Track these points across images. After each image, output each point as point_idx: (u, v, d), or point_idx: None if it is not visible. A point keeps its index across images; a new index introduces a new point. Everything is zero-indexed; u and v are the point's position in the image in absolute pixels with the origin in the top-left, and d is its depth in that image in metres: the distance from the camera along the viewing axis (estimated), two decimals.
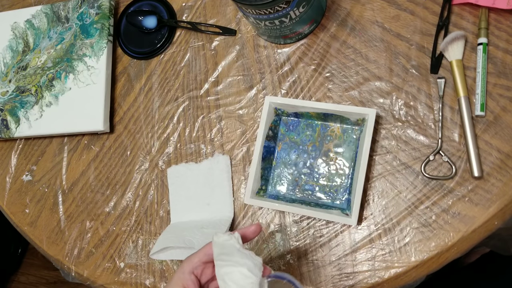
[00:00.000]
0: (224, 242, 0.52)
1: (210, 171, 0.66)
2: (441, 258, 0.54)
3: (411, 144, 0.58)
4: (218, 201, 0.64)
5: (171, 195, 0.67)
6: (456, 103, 0.57)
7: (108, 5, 0.74)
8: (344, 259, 0.57)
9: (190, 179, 0.66)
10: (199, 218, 0.64)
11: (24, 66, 0.77)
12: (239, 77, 0.68)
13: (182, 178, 0.67)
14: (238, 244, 0.51)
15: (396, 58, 0.61)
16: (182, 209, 0.66)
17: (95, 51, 0.73)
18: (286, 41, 0.66)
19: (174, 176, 0.67)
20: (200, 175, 0.66)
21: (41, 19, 0.78)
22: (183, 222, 0.65)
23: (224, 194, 0.64)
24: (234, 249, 0.52)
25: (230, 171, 0.65)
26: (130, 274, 0.66)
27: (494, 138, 0.55)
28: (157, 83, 0.72)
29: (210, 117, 0.68)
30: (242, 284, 0.50)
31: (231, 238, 0.51)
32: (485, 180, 0.54)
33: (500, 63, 0.56)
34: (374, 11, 0.63)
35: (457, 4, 0.59)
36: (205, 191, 0.65)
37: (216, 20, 0.71)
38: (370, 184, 0.58)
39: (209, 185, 0.65)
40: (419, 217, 0.55)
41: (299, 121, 0.63)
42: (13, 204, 0.75)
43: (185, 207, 0.66)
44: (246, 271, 0.51)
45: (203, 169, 0.66)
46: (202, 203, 0.65)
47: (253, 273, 0.51)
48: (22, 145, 0.77)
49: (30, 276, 1.59)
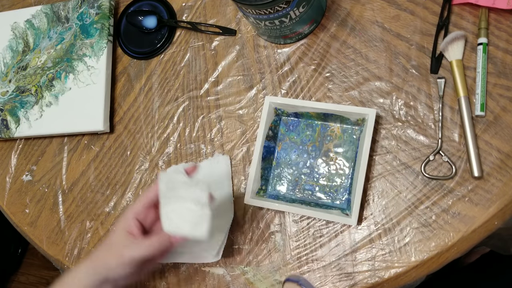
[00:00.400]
0: (169, 177, 0.50)
1: (210, 171, 0.66)
2: (441, 258, 0.54)
3: (411, 144, 0.58)
4: (218, 202, 0.64)
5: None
6: (456, 103, 0.57)
7: (108, 5, 0.74)
8: (344, 259, 0.57)
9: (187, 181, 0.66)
10: None
11: (24, 66, 0.77)
12: (239, 77, 0.68)
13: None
14: (183, 175, 0.50)
15: (396, 58, 0.61)
16: None
17: (95, 51, 0.73)
18: (286, 41, 0.66)
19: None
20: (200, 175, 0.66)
21: (41, 19, 0.78)
22: None
23: (224, 194, 0.64)
24: (180, 182, 0.51)
25: (230, 171, 0.65)
26: None
27: (494, 138, 0.55)
28: (157, 83, 0.72)
29: (210, 117, 0.68)
30: (188, 219, 0.49)
31: (176, 169, 0.50)
32: (485, 180, 0.54)
33: (500, 63, 0.56)
34: (374, 11, 0.63)
35: (457, 4, 0.59)
36: None
37: (216, 20, 0.71)
38: (370, 184, 0.58)
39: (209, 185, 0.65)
40: (419, 217, 0.55)
41: (299, 121, 0.63)
42: (13, 204, 0.75)
43: None
44: (193, 206, 0.49)
45: (203, 169, 0.66)
46: None
47: (200, 205, 0.49)
48: (22, 145, 0.77)
49: (30, 276, 1.59)
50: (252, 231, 0.62)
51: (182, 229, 0.49)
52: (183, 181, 0.51)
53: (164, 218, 0.50)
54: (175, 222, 0.50)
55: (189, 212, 0.50)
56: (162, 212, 0.50)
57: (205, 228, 0.49)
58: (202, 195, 0.50)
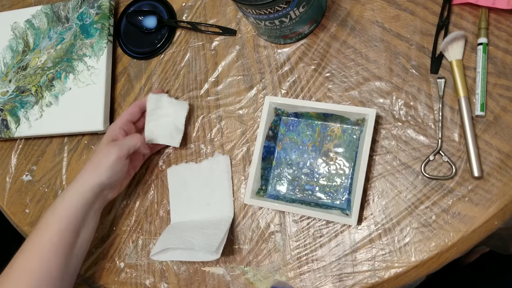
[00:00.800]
0: (157, 97, 0.65)
1: (210, 171, 0.66)
2: (441, 258, 0.54)
3: (411, 144, 0.58)
4: (218, 201, 0.64)
5: (171, 195, 0.67)
6: (456, 103, 0.57)
7: (108, 5, 0.74)
8: (344, 259, 0.57)
9: (190, 179, 0.66)
10: (199, 218, 0.65)
11: (24, 66, 0.77)
12: (239, 77, 0.68)
13: (182, 178, 0.67)
14: (167, 96, 0.65)
15: (396, 58, 0.61)
16: (182, 209, 0.66)
17: (95, 51, 0.73)
18: (286, 41, 0.66)
19: (174, 176, 0.67)
20: (200, 175, 0.66)
21: (41, 19, 0.78)
22: (183, 223, 0.65)
23: (224, 194, 0.64)
24: (165, 101, 0.65)
25: (230, 171, 0.65)
26: (130, 274, 0.66)
27: (494, 138, 0.55)
28: (157, 83, 0.72)
29: (210, 117, 0.68)
30: (167, 132, 0.64)
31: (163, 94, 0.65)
32: (485, 180, 0.54)
33: (500, 63, 0.56)
34: (374, 11, 0.63)
35: (457, 4, 0.59)
36: (205, 191, 0.65)
37: (216, 20, 0.71)
38: (370, 184, 0.58)
39: (209, 185, 0.65)
40: (419, 217, 0.55)
41: (299, 121, 0.63)
42: (13, 204, 0.75)
43: (185, 207, 0.66)
44: (172, 121, 0.64)
45: (203, 169, 0.66)
46: (202, 203, 0.65)
47: (178, 121, 0.65)
48: (22, 145, 0.77)
49: None
50: (252, 231, 0.62)
51: (159, 139, 0.65)
52: (168, 101, 0.65)
53: (147, 131, 0.65)
54: (155, 133, 0.65)
55: (168, 126, 0.65)
56: (146, 126, 0.65)
57: (178, 139, 0.65)
58: (181, 114, 0.65)
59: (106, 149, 0.59)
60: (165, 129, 0.65)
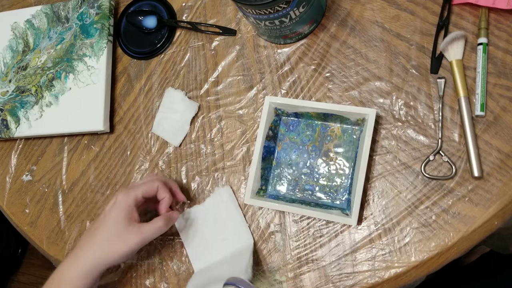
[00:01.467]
0: (172, 93, 0.69)
1: (216, 206, 0.64)
2: (441, 258, 0.54)
3: (411, 144, 0.58)
4: (234, 232, 0.62)
5: (185, 242, 0.64)
6: (456, 103, 0.57)
7: (108, 5, 0.74)
8: (344, 259, 0.57)
9: (199, 221, 0.64)
10: (220, 256, 0.62)
11: (24, 66, 0.77)
12: (239, 77, 0.68)
13: (190, 222, 0.65)
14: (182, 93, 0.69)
15: (396, 58, 0.61)
16: (200, 252, 0.63)
17: (95, 51, 0.73)
18: (286, 41, 0.66)
19: (182, 223, 0.65)
20: (207, 214, 0.64)
21: (41, 19, 0.78)
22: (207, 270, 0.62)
23: (238, 223, 0.62)
24: (179, 98, 0.69)
25: (235, 199, 0.64)
26: (130, 274, 0.66)
27: (494, 138, 0.55)
28: (157, 83, 0.72)
29: (210, 117, 0.68)
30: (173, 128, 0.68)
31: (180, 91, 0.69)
32: (485, 180, 0.54)
33: (500, 63, 0.56)
34: (374, 11, 0.63)
35: (457, 4, 0.59)
36: (218, 228, 0.63)
37: (216, 20, 0.71)
38: (370, 184, 0.58)
39: (220, 221, 0.63)
40: (419, 217, 0.55)
41: (299, 121, 0.63)
42: (13, 204, 0.75)
43: (203, 250, 0.63)
44: (179, 118, 0.68)
45: (209, 207, 0.64)
46: (219, 240, 0.63)
47: (184, 120, 0.68)
48: (22, 145, 0.77)
49: (30, 276, 1.59)
50: (252, 231, 0.62)
51: (164, 134, 0.69)
52: (181, 98, 0.68)
53: (156, 121, 0.69)
54: (163, 127, 0.69)
55: (175, 122, 0.68)
56: (157, 116, 0.69)
57: (179, 139, 0.68)
58: (189, 114, 0.68)
59: (126, 234, 0.55)
60: (171, 125, 0.68)
